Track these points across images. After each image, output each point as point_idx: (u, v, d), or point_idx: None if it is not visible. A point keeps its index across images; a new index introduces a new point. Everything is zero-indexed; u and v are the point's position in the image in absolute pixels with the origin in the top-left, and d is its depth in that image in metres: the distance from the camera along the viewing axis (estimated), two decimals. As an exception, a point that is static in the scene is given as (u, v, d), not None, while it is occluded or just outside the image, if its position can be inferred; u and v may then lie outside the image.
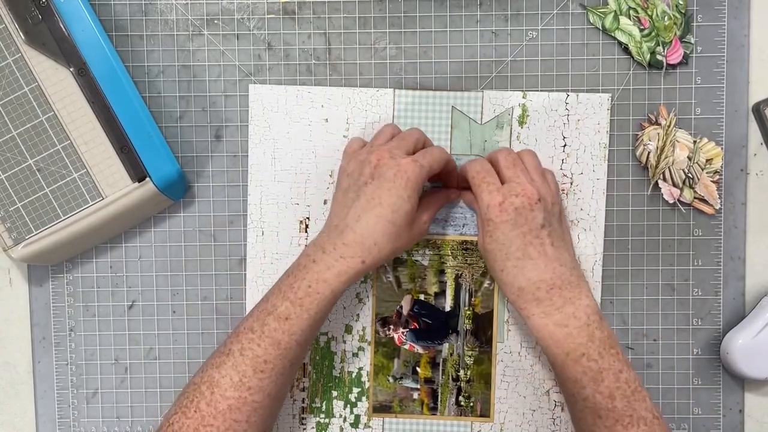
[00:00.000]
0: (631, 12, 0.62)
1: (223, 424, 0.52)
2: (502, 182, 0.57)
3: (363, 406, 0.64)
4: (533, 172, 0.58)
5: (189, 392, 0.54)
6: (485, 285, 0.64)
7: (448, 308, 0.64)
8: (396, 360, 0.64)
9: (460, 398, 0.64)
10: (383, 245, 0.55)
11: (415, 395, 0.64)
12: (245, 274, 0.64)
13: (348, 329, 0.64)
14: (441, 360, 0.64)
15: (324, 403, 0.64)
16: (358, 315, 0.64)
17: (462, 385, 0.64)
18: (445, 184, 0.62)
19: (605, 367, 0.53)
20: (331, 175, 0.63)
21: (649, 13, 0.62)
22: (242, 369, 0.53)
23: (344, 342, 0.64)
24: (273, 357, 0.53)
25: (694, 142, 0.63)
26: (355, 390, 0.64)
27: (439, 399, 0.64)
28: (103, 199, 0.59)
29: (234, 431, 0.53)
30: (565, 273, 0.55)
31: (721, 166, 0.63)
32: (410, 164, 0.55)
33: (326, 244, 0.55)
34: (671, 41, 0.63)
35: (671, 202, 0.63)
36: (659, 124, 0.63)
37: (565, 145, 0.63)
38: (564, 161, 0.63)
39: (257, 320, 0.54)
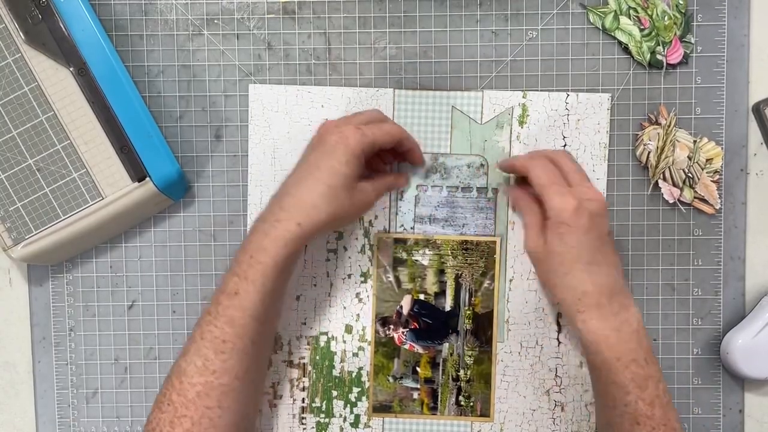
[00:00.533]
0: (631, 12, 0.62)
1: (195, 413, 0.52)
2: (569, 185, 0.57)
3: (363, 405, 0.64)
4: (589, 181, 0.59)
5: (163, 387, 0.54)
6: (485, 285, 0.64)
7: (448, 308, 0.64)
8: (396, 360, 0.64)
9: (460, 398, 0.64)
10: (321, 207, 0.54)
11: (415, 395, 0.64)
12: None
13: (348, 329, 0.64)
14: (441, 360, 0.64)
15: (324, 402, 0.64)
16: (358, 315, 0.64)
17: (462, 384, 0.64)
18: (410, 162, 0.63)
19: (650, 374, 0.54)
20: None
21: (649, 12, 0.62)
22: (204, 353, 0.53)
23: (344, 342, 0.64)
24: (230, 336, 0.53)
25: (694, 141, 0.63)
26: (355, 390, 0.64)
27: (439, 399, 0.64)
28: (103, 199, 0.59)
29: (209, 418, 0.52)
30: (620, 280, 0.56)
31: (721, 166, 0.63)
32: (352, 131, 0.55)
33: (266, 214, 0.55)
34: (671, 41, 0.63)
35: (671, 201, 0.63)
36: (659, 124, 0.63)
37: (565, 145, 0.63)
38: (564, 161, 0.63)
39: (213, 302, 0.54)
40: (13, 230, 0.59)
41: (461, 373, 0.64)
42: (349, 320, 0.64)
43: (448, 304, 0.64)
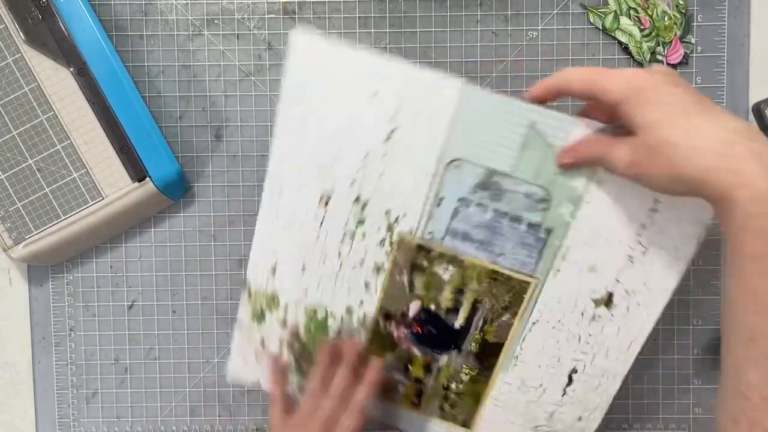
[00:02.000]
0: (632, 12, 0.62)
1: None
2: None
3: None
4: None
5: None
6: (504, 318, 0.57)
7: (457, 326, 0.59)
8: (389, 353, 0.61)
9: (445, 405, 0.61)
10: None
11: (401, 389, 0.62)
12: (245, 273, 0.64)
13: (348, 310, 0.60)
14: (436, 368, 0.60)
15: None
16: (362, 301, 0.59)
17: (451, 395, 0.61)
18: None
19: None
20: (365, 158, 0.54)
21: (650, 13, 0.62)
22: None
23: (342, 321, 0.60)
24: None
25: (694, 142, 0.63)
26: None
27: (423, 398, 0.61)
28: (103, 199, 0.59)
29: None
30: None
31: (721, 166, 0.63)
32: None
33: None
34: (671, 41, 0.63)
35: (671, 202, 0.63)
36: (659, 124, 0.63)
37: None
38: (564, 161, 0.62)
39: None
40: (13, 230, 0.59)
41: (453, 385, 0.60)
42: (351, 303, 0.59)
43: (458, 322, 0.59)
